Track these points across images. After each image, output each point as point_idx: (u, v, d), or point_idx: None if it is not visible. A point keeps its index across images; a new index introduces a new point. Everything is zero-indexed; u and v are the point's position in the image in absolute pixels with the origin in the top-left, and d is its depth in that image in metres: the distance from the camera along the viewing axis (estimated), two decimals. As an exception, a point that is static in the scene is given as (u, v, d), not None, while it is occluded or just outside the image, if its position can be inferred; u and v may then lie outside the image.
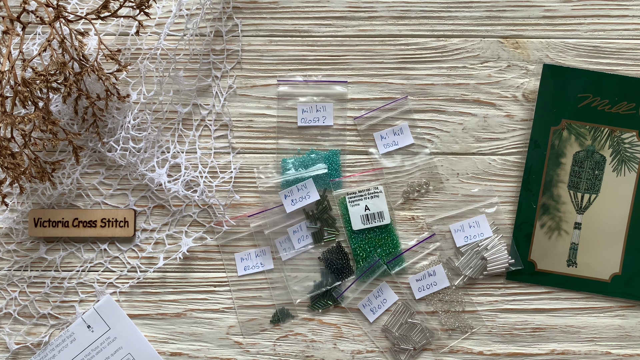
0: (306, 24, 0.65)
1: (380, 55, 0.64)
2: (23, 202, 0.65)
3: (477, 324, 0.64)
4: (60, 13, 0.55)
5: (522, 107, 0.64)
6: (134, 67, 0.64)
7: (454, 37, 0.64)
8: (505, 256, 0.63)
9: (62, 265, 0.65)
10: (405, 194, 0.64)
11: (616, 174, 0.63)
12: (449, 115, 0.64)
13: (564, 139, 0.63)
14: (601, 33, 0.64)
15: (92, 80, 0.61)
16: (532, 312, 0.64)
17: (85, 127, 0.63)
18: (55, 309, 0.65)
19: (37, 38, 0.64)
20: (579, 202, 0.63)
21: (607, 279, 0.63)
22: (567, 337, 0.64)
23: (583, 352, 0.63)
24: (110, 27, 0.65)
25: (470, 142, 0.64)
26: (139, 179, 0.65)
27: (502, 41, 0.64)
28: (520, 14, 0.64)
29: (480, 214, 0.64)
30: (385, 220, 0.63)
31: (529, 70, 0.64)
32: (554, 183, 0.63)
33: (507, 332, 0.64)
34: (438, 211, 0.64)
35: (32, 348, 0.64)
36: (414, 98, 0.64)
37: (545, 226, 0.63)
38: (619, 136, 0.63)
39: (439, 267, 0.63)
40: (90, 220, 0.64)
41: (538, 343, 0.64)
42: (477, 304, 0.64)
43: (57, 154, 0.65)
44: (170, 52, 0.62)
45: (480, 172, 0.64)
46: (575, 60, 0.64)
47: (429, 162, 0.64)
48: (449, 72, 0.64)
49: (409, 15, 0.64)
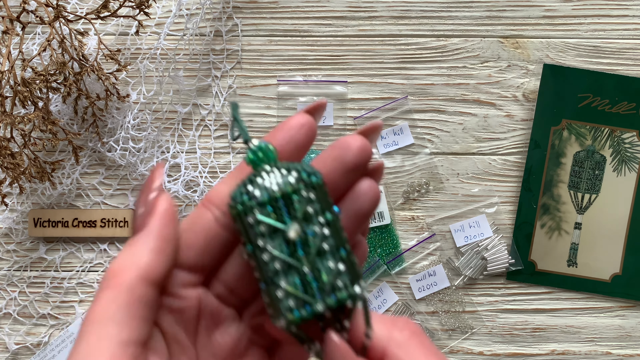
0: (306, 24, 0.65)
1: (380, 55, 0.64)
2: (23, 202, 0.64)
3: (477, 324, 0.64)
4: (60, 13, 0.55)
5: (523, 107, 0.64)
6: (133, 67, 0.64)
7: (454, 37, 0.64)
8: (506, 256, 0.63)
9: (62, 266, 0.65)
10: (406, 194, 0.64)
11: (616, 174, 0.63)
12: (449, 115, 0.64)
13: (564, 139, 0.63)
14: (601, 33, 0.64)
15: (92, 80, 0.61)
16: (533, 312, 0.64)
17: (85, 127, 0.63)
18: (55, 309, 0.65)
19: (36, 38, 0.64)
20: (579, 202, 0.63)
21: (607, 279, 0.63)
22: (567, 337, 0.63)
23: (583, 352, 0.63)
24: (110, 27, 0.65)
25: (471, 142, 0.64)
26: (139, 179, 0.64)
27: (502, 41, 0.64)
28: (520, 13, 0.64)
29: (481, 214, 0.64)
30: (385, 220, 0.63)
31: (529, 70, 0.64)
32: (554, 183, 0.63)
33: (507, 333, 0.64)
34: (438, 211, 0.64)
35: (32, 348, 0.64)
36: (414, 98, 0.64)
37: (546, 226, 0.63)
38: (619, 136, 0.63)
39: (439, 267, 0.63)
40: (90, 221, 0.64)
41: (538, 343, 0.63)
42: (477, 304, 0.64)
43: (56, 154, 0.65)
44: (170, 51, 0.62)
45: (480, 172, 0.64)
46: (575, 60, 0.64)
47: (429, 162, 0.64)
48: (449, 72, 0.64)
49: (409, 15, 0.64)
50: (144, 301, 0.24)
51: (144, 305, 0.24)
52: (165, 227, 0.26)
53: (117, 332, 0.23)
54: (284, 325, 0.24)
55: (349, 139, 0.27)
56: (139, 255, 0.25)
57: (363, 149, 0.27)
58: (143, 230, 0.26)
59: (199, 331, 0.28)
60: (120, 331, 0.24)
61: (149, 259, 0.25)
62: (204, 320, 0.28)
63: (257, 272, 0.25)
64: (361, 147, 0.27)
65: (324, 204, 0.25)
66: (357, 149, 0.27)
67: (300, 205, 0.25)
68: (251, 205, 0.25)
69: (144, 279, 0.25)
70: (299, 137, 0.27)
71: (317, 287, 0.24)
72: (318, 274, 0.24)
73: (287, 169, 0.25)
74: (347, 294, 0.24)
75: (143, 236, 0.26)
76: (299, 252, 0.25)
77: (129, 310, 0.24)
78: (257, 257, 0.25)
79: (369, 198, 0.27)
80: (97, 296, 0.25)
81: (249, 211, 0.25)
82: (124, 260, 0.25)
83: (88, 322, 0.24)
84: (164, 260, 0.25)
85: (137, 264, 0.25)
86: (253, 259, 0.25)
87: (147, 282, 0.25)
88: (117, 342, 0.23)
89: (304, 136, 0.27)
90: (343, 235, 0.25)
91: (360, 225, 0.27)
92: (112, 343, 0.23)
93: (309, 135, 0.27)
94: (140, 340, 0.24)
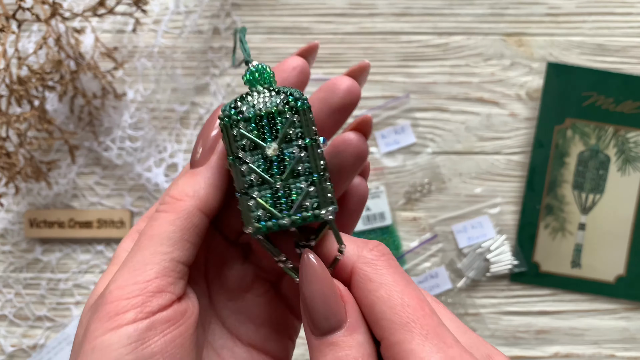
0: (306, 21, 0.64)
1: (382, 53, 0.64)
2: (19, 203, 0.64)
3: (480, 327, 0.63)
4: (56, 10, 0.55)
5: (526, 105, 0.63)
6: (130, 65, 0.63)
7: (457, 35, 0.63)
8: (509, 257, 0.62)
9: (58, 267, 0.64)
10: (407, 194, 0.63)
11: (621, 173, 0.62)
12: (451, 114, 0.63)
13: (568, 139, 0.62)
14: (606, 31, 0.63)
15: (89, 78, 0.61)
16: (536, 314, 0.63)
17: (82, 126, 0.62)
18: (52, 311, 0.64)
19: (32, 36, 0.64)
20: (583, 202, 0.62)
21: (611, 280, 0.62)
22: (571, 340, 0.63)
23: (587, 355, 0.63)
24: (106, 25, 0.64)
25: (473, 142, 0.63)
26: (136, 179, 0.64)
27: (505, 39, 0.63)
28: (523, 11, 0.63)
29: (484, 214, 0.63)
30: (387, 221, 0.62)
31: (532, 69, 0.63)
32: (558, 183, 0.62)
33: (510, 335, 0.63)
34: (440, 212, 0.63)
35: (28, 350, 0.63)
36: (415, 96, 0.63)
37: (549, 227, 0.62)
38: (623, 135, 0.62)
39: (442, 268, 0.63)
40: (85, 221, 0.63)
41: (542, 346, 0.63)
42: (480, 306, 0.63)
43: (52, 154, 0.64)
44: (168, 49, 0.62)
45: (483, 171, 0.63)
46: (579, 59, 0.63)
47: (431, 162, 0.63)
48: (452, 70, 0.63)
49: (411, 12, 0.64)
50: (198, 229, 0.27)
51: (197, 232, 0.27)
52: (223, 165, 0.28)
53: (171, 251, 0.26)
54: (252, 232, 0.27)
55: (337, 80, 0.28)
56: (199, 186, 0.27)
57: (350, 91, 0.28)
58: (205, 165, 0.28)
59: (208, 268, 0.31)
60: (174, 250, 0.26)
61: (207, 192, 0.27)
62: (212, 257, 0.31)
63: (235, 183, 0.27)
64: (348, 88, 0.28)
65: (306, 129, 0.27)
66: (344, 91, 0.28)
67: (282, 126, 0.27)
68: (237, 120, 0.27)
69: (201, 210, 0.27)
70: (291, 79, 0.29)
71: (286, 204, 0.27)
72: (289, 192, 0.27)
73: (277, 91, 0.27)
74: (312, 215, 0.27)
75: (204, 170, 0.28)
76: (274, 169, 0.27)
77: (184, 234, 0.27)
78: (236, 168, 0.27)
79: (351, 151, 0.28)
80: (155, 216, 0.27)
81: (235, 125, 0.27)
82: (185, 188, 0.27)
83: (145, 237, 0.27)
84: (219, 194, 0.28)
85: (197, 194, 0.27)
86: (233, 169, 0.27)
87: (204, 213, 0.27)
88: (169, 259, 0.26)
89: (296, 78, 0.29)
90: (321, 163, 0.27)
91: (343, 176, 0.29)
92: (165, 258, 0.26)
93: (302, 77, 0.29)
94: (187, 263, 0.27)
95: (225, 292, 0.31)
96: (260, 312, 0.31)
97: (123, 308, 0.25)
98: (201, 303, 0.30)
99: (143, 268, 0.26)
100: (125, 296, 0.25)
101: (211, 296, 0.31)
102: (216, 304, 0.31)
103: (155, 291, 0.25)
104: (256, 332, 0.31)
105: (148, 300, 0.25)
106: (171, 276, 0.26)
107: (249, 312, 0.31)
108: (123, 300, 0.25)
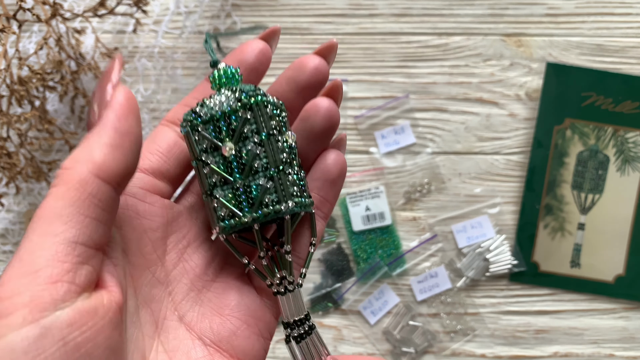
0: (306, 22, 0.64)
1: (381, 54, 0.64)
2: (19, 203, 0.64)
3: (480, 326, 0.63)
4: (56, 11, 0.55)
5: (525, 106, 0.63)
6: (131, 65, 0.63)
7: (456, 35, 0.64)
8: (508, 257, 0.62)
9: (59, 267, 0.64)
10: (407, 194, 0.63)
11: (620, 173, 0.62)
12: (451, 114, 0.63)
13: (567, 139, 0.62)
14: (605, 31, 0.63)
15: (89, 78, 0.61)
16: (535, 314, 0.63)
17: (82, 126, 0.63)
18: (52, 311, 0.64)
19: (33, 36, 0.64)
20: (582, 202, 0.62)
21: (610, 280, 0.62)
22: (570, 339, 0.63)
23: (586, 354, 0.63)
24: (107, 25, 0.64)
25: (473, 142, 0.63)
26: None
27: (504, 39, 0.64)
28: (523, 11, 0.63)
29: (483, 214, 0.63)
30: (387, 221, 0.62)
31: (532, 69, 0.63)
32: (558, 183, 0.62)
33: (509, 335, 0.63)
34: (440, 212, 0.63)
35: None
36: (415, 97, 0.64)
37: (549, 227, 0.62)
38: (622, 136, 0.62)
39: (441, 268, 0.63)
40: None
41: (541, 345, 0.63)
42: (479, 305, 0.63)
43: (53, 154, 0.64)
44: (168, 50, 0.62)
45: (482, 172, 0.63)
46: (578, 59, 0.63)
47: (430, 162, 0.63)
48: (451, 70, 0.63)
49: (411, 12, 0.64)
50: (97, 199, 0.23)
51: (97, 203, 0.23)
52: (122, 120, 0.24)
53: (64, 230, 0.22)
54: (218, 232, 0.27)
55: (305, 59, 0.28)
56: (92, 149, 0.23)
57: (318, 69, 0.28)
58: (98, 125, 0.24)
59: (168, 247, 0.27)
60: (68, 229, 0.22)
61: (102, 154, 0.23)
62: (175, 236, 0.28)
63: (200, 185, 0.28)
64: (316, 66, 0.28)
65: (261, 124, 0.27)
66: (312, 69, 0.28)
67: (237, 125, 0.27)
68: (196, 124, 0.27)
69: (98, 175, 0.23)
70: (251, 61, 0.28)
71: (246, 202, 0.27)
72: (249, 190, 0.27)
73: (233, 91, 0.27)
74: (273, 210, 0.27)
75: (97, 130, 0.24)
76: (234, 168, 0.27)
77: (79, 208, 0.22)
78: (199, 171, 0.27)
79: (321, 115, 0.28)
80: (47, 193, 0.23)
81: (194, 129, 0.27)
82: (76, 155, 0.23)
83: (35, 219, 0.22)
84: (121, 155, 0.23)
85: (89, 159, 0.23)
86: (197, 172, 0.28)
87: (102, 179, 0.23)
88: (62, 240, 0.22)
89: (256, 60, 0.28)
90: (281, 157, 0.27)
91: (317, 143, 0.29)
92: (57, 240, 0.21)
93: (262, 60, 0.29)
94: (92, 243, 0.22)
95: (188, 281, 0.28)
96: (228, 301, 0.28)
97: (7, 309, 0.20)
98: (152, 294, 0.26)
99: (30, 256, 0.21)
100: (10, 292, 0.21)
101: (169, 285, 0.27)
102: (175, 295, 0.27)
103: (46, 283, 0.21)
104: (221, 326, 0.27)
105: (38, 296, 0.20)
106: (67, 261, 0.21)
107: (215, 303, 0.28)
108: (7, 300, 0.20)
